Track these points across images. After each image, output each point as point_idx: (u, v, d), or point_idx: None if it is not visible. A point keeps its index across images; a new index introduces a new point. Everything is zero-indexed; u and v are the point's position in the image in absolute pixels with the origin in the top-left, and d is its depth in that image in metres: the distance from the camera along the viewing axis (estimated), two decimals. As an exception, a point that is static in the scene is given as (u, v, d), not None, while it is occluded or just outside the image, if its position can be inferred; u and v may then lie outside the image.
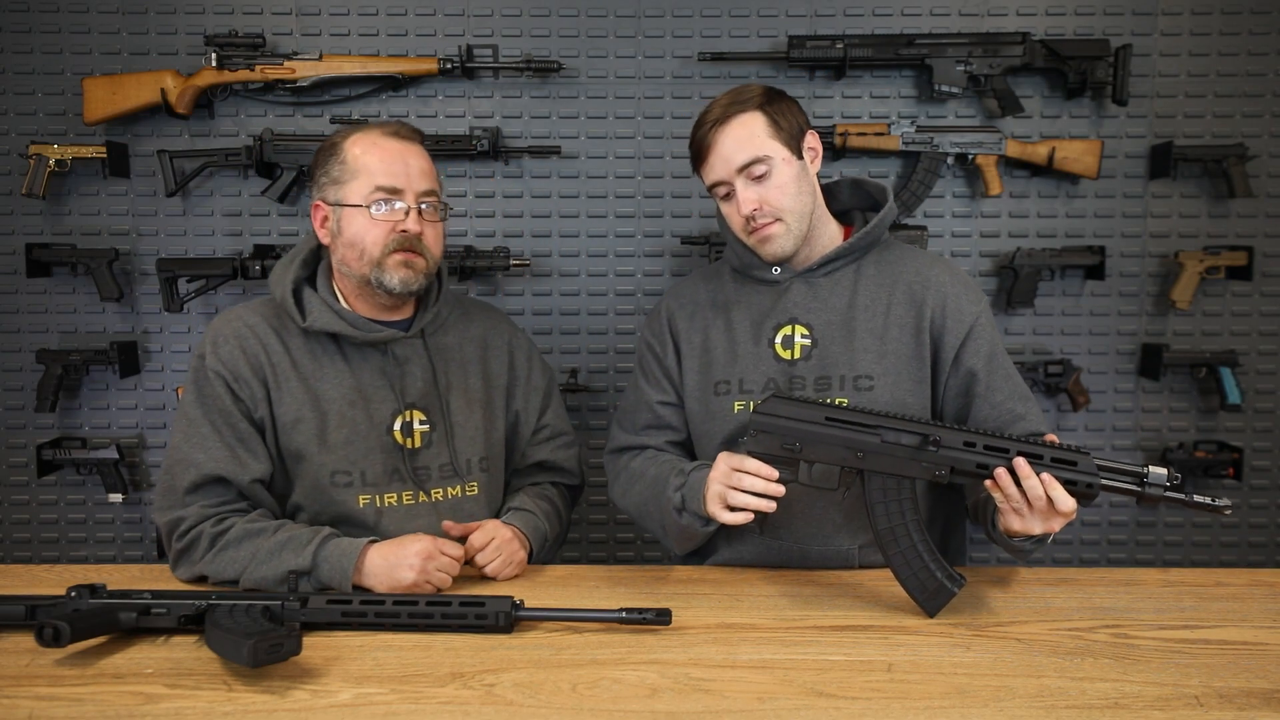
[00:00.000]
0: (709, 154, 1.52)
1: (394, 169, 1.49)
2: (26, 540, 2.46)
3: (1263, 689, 1.09)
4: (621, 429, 1.70)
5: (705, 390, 1.60)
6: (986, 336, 1.54)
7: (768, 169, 1.50)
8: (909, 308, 1.55)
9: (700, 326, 1.64)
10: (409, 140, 1.53)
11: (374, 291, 1.53)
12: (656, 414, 1.65)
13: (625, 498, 1.65)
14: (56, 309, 2.41)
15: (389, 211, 1.49)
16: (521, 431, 1.71)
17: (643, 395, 1.67)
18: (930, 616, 1.31)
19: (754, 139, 1.50)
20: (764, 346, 1.57)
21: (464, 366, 1.64)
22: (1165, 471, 1.27)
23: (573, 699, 1.08)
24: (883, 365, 1.53)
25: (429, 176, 1.53)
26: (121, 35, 2.34)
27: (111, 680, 1.12)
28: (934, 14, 2.35)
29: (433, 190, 1.53)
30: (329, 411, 1.51)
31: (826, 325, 1.55)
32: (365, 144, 1.51)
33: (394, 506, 1.53)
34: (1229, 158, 2.31)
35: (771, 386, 1.55)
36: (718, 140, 1.51)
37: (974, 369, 1.53)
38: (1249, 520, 2.47)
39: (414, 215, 1.50)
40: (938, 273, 1.58)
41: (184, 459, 1.47)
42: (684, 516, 1.47)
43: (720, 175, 1.52)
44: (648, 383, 1.68)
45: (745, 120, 1.50)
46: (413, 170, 1.51)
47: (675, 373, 1.65)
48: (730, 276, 1.66)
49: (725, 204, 1.56)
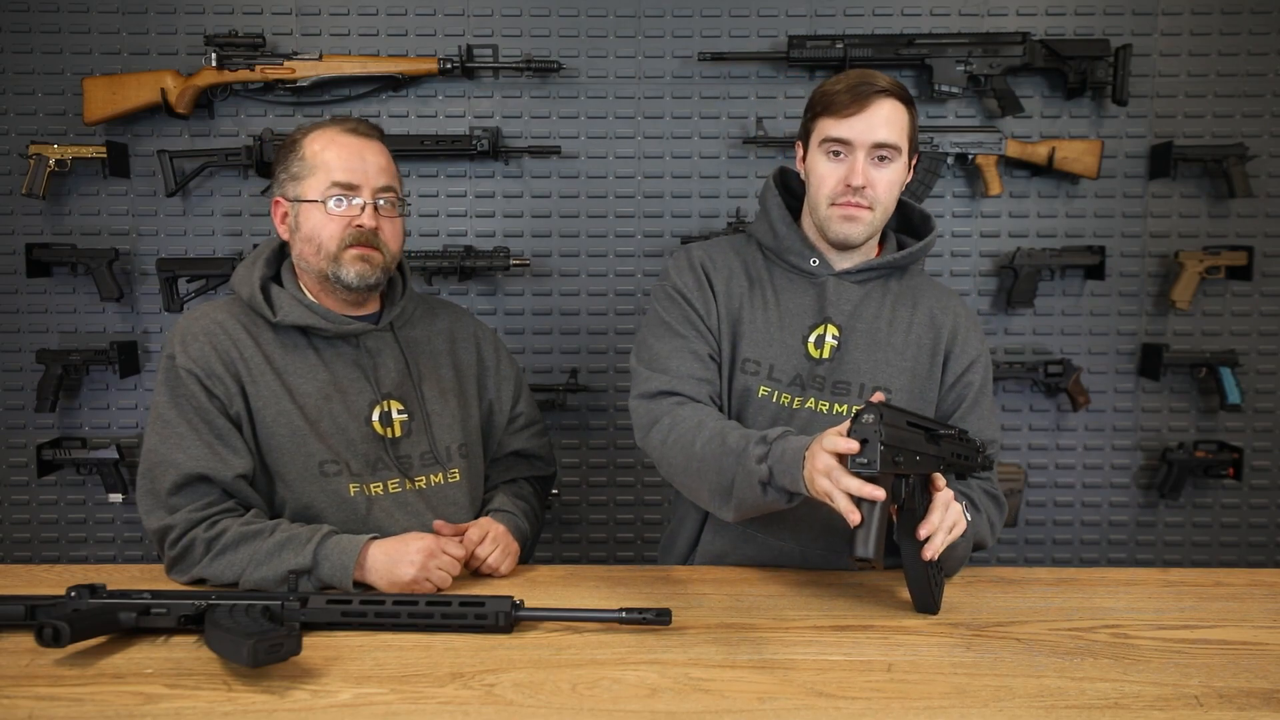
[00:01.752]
0: (854, 112, 1.47)
1: (351, 165, 1.50)
2: (26, 540, 2.46)
3: (1263, 689, 1.09)
4: (654, 371, 1.55)
5: (731, 362, 1.57)
6: (979, 376, 1.59)
7: (893, 159, 1.50)
8: (929, 330, 1.58)
9: (737, 293, 1.59)
10: (367, 137, 1.54)
11: (334, 287, 1.54)
12: (706, 365, 1.56)
13: (666, 447, 1.49)
14: (56, 309, 2.41)
15: (346, 207, 1.50)
16: (496, 420, 1.73)
17: (685, 344, 1.56)
18: (934, 614, 1.31)
19: (899, 126, 1.49)
20: (799, 340, 1.56)
21: (434, 358, 1.65)
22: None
23: (573, 699, 1.08)
24: (900, 380, 1.54)
25: (387, 173, 1.54)
26: (121, 35, 2.34)
27: (111, 680, 1.12)
28: (934, 14, 2.35)
29: (390, 186, 1.54)
30: (306, 405, 1.52)
31: (855, 331, 1.56)
32: (323, 140, 1.52)
33: (381, 495, 1.53)
34: (1229, 158, 2.31)
35: (798, 382, 1.55)
36: (874, 106, 1.47)
37: (963, 397, 1.57)
38: (1249, 520, 2.47)
39: (369, 211, 1.51)
40: (955, 305, 1.62)
41: (163, 460, 1.46)
42: (769, 491, 1.33)
43: (855, 135, 1.48)
44: (691, 329, 1.56)
45: (898, 105, 1.49)
46: (370, 166, 1.52)
47: (716, 329, 1.57)
48: (759, 253, 1.64)
49: (829, 164, 1.50)
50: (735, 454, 1.37)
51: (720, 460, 1.39)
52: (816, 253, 1.58)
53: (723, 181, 2.39)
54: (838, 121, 1.48)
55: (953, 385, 1.58)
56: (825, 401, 1.53)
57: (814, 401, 1.54)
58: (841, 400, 1.53)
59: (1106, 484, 2.48)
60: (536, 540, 1.74)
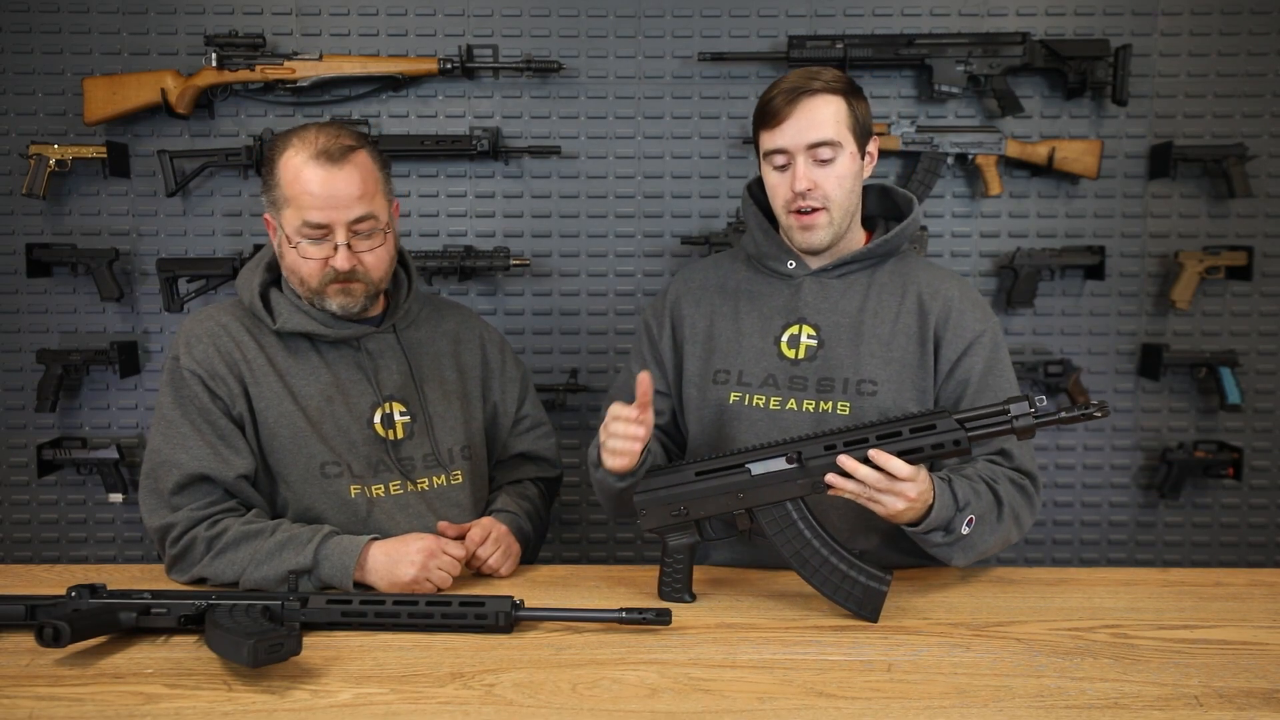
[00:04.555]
0: (784, 119, 1.48)
1: (320, 203, 1.43)
2: (26, 540, 2.46)
3: (1263, 689, 1.09)
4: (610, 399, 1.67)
5: (705, 377, 1.60)
6: (984, 354, 1.53)
7: (834, 155, 1.48)
8: (917, 317, 1.55)
9: (706, 312, 1.63)
10: (338, 164, 1.44)
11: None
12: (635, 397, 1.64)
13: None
14: (56, 309, 2.41)
15: (320, 248, 1.47)
16: (501, 422, 1.72)
17: (630, 377, 1.62)
18: (873, 621, 1.29)
19: (833, 122, 1.48)
20: (769, 342, 1.57)
21: (437, 360, 1.65)
22: (1026, 401, 1.25)
23: (573, 699, 1.08)
24: (887, 372, 1.52)
25: (363, 200, 1.45)
26: (121, 35, 2.34)
27: (111, 680, 1.12)
28: (934, 14, 2.35)
29: (367, 214, 1.46)
30: (308, 407, 1.52)
31: (835, 328, 1.55)
32: (294, 168, 1.45)
33: (383, 497, 1.53)
34: (1229, 158, 2.31)
35: (771, 383, 1.55)
36: (798, 109, 1.47)
37: (966, 380, 1.52)
38: (1249, 520, 2.47)
39: (343, 252, 1.45)
40: (948, 286, 1.57)
41: (166, 460, 1.47)
42: (598, 472, 1.48)
43: (787, 143, 1.48)
44: (637, 364, 1.66)
45: (830, 100, 1.48)
46: (340, 199, 1.43)
47: (668, 356, 1.64)
48: (744, 264, 1.65)
49: (776, 175, 1.52)
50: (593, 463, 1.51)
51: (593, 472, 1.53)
52: (793, 255, 1.59)
53: (723, 181, 2.39)
54: (772, 132, 1.50)
55: (951, 372, 1.53)
56: (811, 401, 1.53)
57: (795, 402, 1.53)
58: (827, 398, 1.52)
59: (1106, 484, 2.48)
60: (540, 542, 1.74)
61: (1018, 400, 1.26)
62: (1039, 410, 1.24)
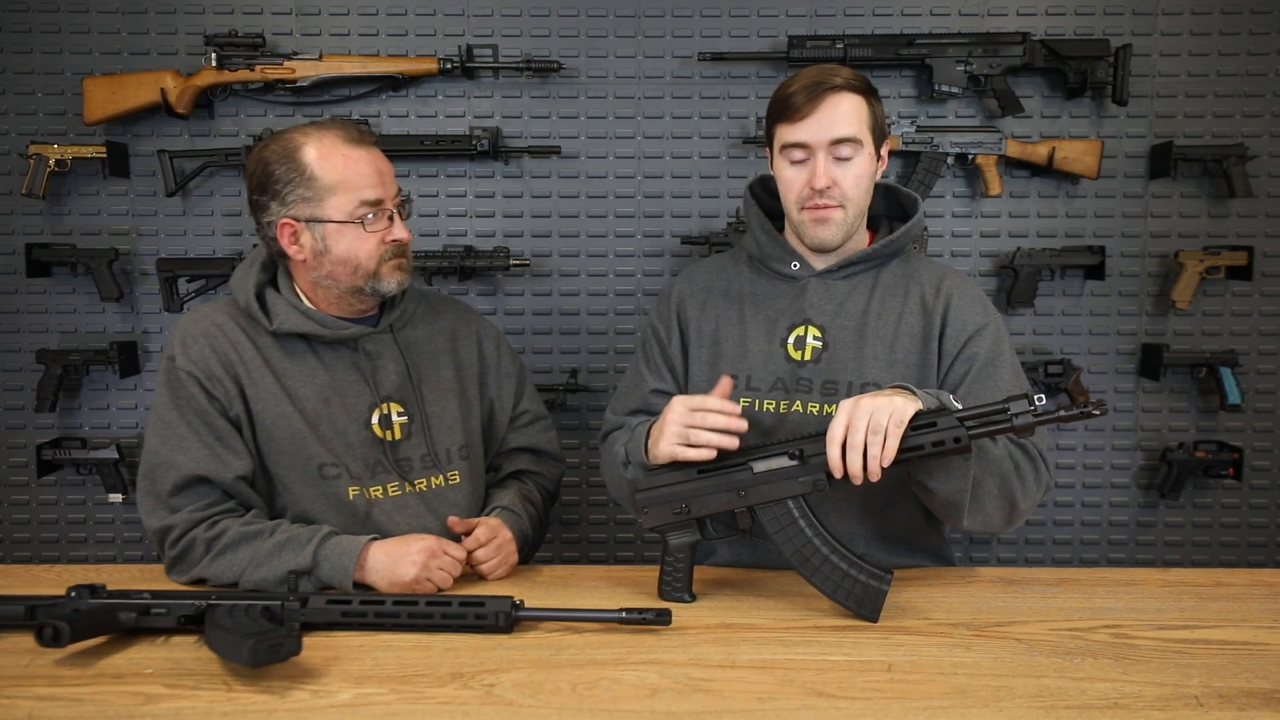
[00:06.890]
0: (806, 114, 1.46)
1: (372, 179, 1.48)
2: (26, 540, 2.46)
3: (1263, 689, 1.09)
4: (613, 412, 1.69)
5: (712, 383, 1.59)
6: (985, 347, 1.52)
7: (854, 154, 1.48)
8: (920, 317, 1.55)
9: (711, 316, 1.62)
10: (370, 145, 1.52)
11: (360, 296, 1.53)
12: (646, 401, 1.64)
13: (606, 478, 1.65)
14: (56, 309, 2.41)
15: (380, 223, 1.50)
16: (498, 418, 1.72)
17: (640, 380, 1.66)
18: (873, 621, 1.29)
19: (855, 119, 1.47)
20: (776, 345, 1.56)
21: (434, 358, 1.65)
22: (1026, 399, 1.25)
23: (573, 699, 1.08)
24: (891, 373, 1.52)
25: (393, 176, 1.54)
26: (121, 35, 2.34)
27: (111, 680, 1.12)
28: (934, 14, 2.35)
29: (399, 190, 1.55)
30: (305, 408, 1.52)
31: (839, 329, 1.55)
32: (332, 156, 1.47)
33: (381, 498, 1.53)
34: (1229, 158, 2.31)
35: (780, 386, 1.55)
36: (823, 104, 1.45)
37: (965, 373, 1.51)
38: (1249, 520, 2.47)
39: (399, 222, 1.52)
40: (949, 283, 1.57)
41: (164, 462, 1.46)
42: (629, 470, 1.47)
43: (809, 138, 1.47)
44: (647, 368, 1.66)
45: (851, 98, 1.47)
46: (386, 174, 1.51)
47: (678, 361, 1.64)
48: (746, 265, 1.65)
49: (792, 169, 1.50)
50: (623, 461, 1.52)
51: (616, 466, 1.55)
52: (797, 256, 1.58)
53: (723, 181, 2.39)
54: (793, 126, 1.48)
55: (952, 365, 1.53)
56: (815, 403, 1.53)
57: (801, 405, 1.53)
58: (831, 400, 1.52)
59: (1106, 484, 2.48)
60: (537, 547, 1.74)
61: (1017, 398, 1.26)
62: (1039, 409, 1.24)
